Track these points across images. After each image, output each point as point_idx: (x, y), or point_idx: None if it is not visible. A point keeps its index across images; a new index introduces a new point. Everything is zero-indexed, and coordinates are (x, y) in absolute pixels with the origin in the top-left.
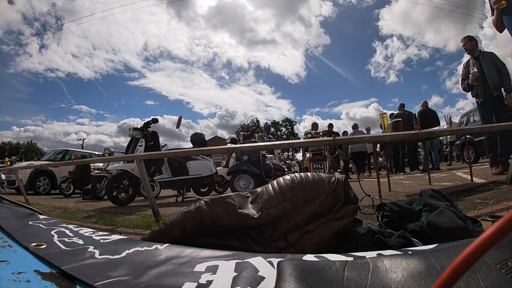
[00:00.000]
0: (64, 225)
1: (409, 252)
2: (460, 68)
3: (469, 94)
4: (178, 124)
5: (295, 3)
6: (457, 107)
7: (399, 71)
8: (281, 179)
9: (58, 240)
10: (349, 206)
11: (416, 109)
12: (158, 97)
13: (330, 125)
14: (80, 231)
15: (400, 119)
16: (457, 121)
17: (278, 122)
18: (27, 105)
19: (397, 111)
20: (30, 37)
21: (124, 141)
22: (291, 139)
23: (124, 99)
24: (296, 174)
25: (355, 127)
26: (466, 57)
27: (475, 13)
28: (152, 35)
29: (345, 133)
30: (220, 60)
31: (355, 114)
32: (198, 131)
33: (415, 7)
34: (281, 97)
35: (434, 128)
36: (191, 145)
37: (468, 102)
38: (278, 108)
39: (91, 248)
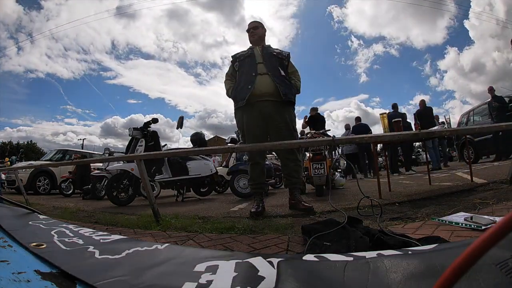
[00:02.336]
0: (64, 225)
1: (409, 252)
2: (442, 64)
3: (456, 94)
4: (179, 125)
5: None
6: (445, 107)
7: (370, 70)
8: None
9: (58, 240)
10: None
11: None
12: (138, 95)
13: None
14: (80, 231)
15: (400, 119)
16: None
17: None
18: (15, 105)
19: (390, 112)
20: (12, 45)
21: (110, 142)
22: None
23: (106, 98)
24: None
25: (347, 127)
26: (451, 52)
27: (446, 5)
28: (118, 33)
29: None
30: (192, 57)
31: (338, 115)
32: (198, 131)
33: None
34: None
35: (434, 128)
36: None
37: (457, 102)
38: None
39: (91, 248)
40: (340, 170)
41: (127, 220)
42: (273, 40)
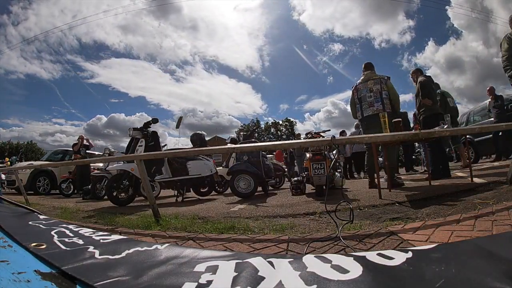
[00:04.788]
0: (64, 225)
1: (408, 252)
2: (422, 59)
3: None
4: (178, 124)
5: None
6: None
7: (349, 66)
8: None
9: (58, 240)
10: None
11: None
12: (118, 94)
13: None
14: (80, 231)
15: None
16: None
17: (278, 122)
18: (4, 104)
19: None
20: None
21: (98, 144)
22: (291, 139)
23: (92, 98)
24: None
25: (357, 126)
26: (431, 46)
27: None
28: (80, 30)
29: (343, 132)
30: (162, 56)
31: (318, 117)
32: (198, 131)
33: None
34: (249, 92)
35: (434, 128)
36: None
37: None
38: (250, 104)
39: (91, 248)
40: (340, 170)
41: (127, 220)
42: (243, 34)
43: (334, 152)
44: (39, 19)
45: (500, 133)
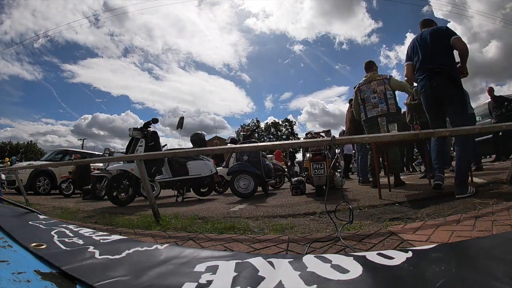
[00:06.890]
0: (64, 225)
1: (408, 251)
2: (402, 53)
3: None
4: (179, 125)
5: None
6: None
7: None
8: None
9: (58, 240)
10: None
11: None
12: (100, 93)
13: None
14: (80, 231)
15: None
16: None
17: (278, 122)
18: None
19: None
20: None
21: (90, 145)
22: (291, 139)
23: (73, 98)
24: None
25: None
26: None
27: None
28: (54, 31)
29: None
30: (136, 55)
31: (304, 118)
32: (198, 132)
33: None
34: (232, 89)
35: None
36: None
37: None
38: (235, 101)
39: (91, 248)
40: (340, 170)
41: (127, 220)
42: (213, 28)
43: (338, 150)
44: (13, 23)
45: (500, 133)
